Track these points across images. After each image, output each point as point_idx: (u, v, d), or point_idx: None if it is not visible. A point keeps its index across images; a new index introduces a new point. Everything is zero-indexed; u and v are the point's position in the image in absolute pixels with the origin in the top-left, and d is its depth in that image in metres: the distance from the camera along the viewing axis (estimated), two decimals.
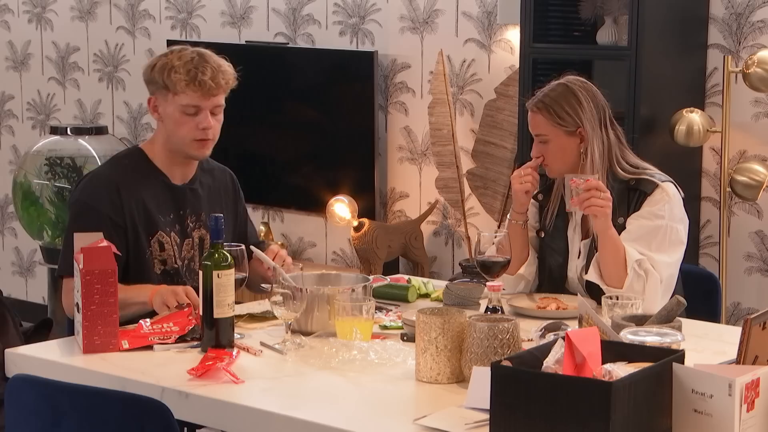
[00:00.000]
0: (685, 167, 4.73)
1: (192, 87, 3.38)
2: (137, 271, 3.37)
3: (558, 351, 2.40)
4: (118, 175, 3.45)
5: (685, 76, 4.75)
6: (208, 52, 3.47)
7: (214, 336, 2.96)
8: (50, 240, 6.15)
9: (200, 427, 2.98)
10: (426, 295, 3.60)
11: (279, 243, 3.46)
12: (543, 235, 3.60)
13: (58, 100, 6.77)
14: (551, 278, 3.58)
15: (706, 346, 3.04)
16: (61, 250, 3.45)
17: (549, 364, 2.39)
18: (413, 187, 5.61)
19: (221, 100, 3.44)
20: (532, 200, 3.62)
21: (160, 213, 3.44)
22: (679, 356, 2.40)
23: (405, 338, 3.09)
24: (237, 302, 3.06)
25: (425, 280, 3.76)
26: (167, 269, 3.43)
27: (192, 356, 2.94)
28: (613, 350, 2.45)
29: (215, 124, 3.44)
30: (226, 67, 3.46)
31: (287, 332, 3.04)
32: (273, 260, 3.34)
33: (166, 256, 3.43)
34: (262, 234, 5.68)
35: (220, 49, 3.53)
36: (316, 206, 5.63)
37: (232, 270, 2.99)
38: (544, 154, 3.50)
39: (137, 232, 3.39)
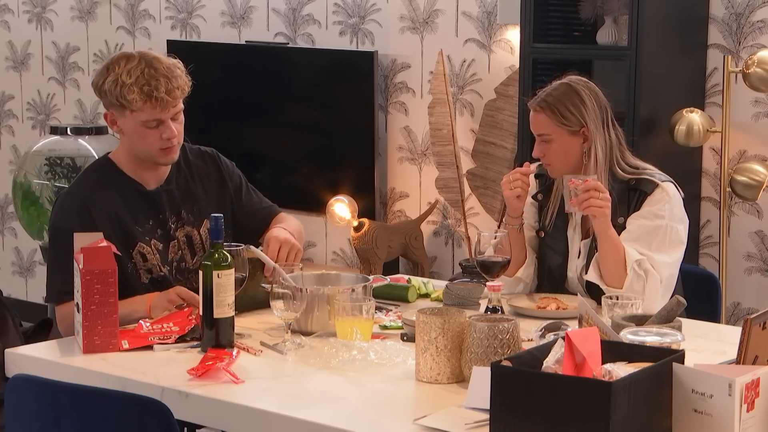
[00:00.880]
0: (685, 167, 4.73)
1: (149, 104, 3.31)
2: (121, 285, 3.34)
3: (558, 351, 2.40)
4: (88, 192, 3.40)
5: (685, 76, 4.75)
6: (155, 56, 3.39)
7: (214, 336, 2.96)
8: None
9: (200, 427, 2.99)
10: (426, 295, 3.59)
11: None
12: (543, 235, 3.60)
13: (58, 100, 6.77)
14: (551, 278, 3.58)
15: (706, 346, 3.04)
16: (46, 275, 3.41)
17: (549, 364, 2.39)
18: (413, 187, 5.61)
19: (180, 105, 3.39)
20: (531, 200, 3.62)
21: (137, 223, 3.41)
22: (679, 356, 2.40)
23: (405, 338, 3.09)
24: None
25: (425, 280, 3.76)
26: (154, 277, 3.41)
27: (192, 356, 2.94)
28: (613, 350, 2.45)
29: (178, 128, 3.39)
30: (178, 71, 3.38)
31: (287, 332, 3.04)
32: (276, 260, 3.32)
33: (150, 265, 3.40)
34: None
35: (220, 49, 3.51)
36: (316, 206, 5.63)
37: (232, 270, 2.99)
38: (547, 154, 3.49)
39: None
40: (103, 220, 3.35)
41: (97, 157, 5.97)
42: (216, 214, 3.02)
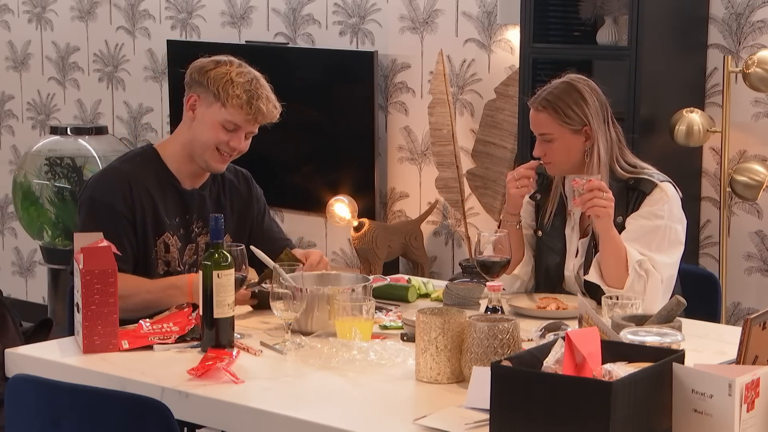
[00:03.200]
0: (685, 167, 4.73)
1: (246, 109, 3.38)
2: (143, 270, 3.37)
3: (558, 351, 2.40)
4: (130, 171, 3.43)
5: (685, 76, 4.75)
6: (262, 78, 3.48)
7: (214, 336, 2.96)
8: (50, 240, 6.15)
9: (200, 427, 2.98)
10: (426, 295, 3.59)
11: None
12: (540, 234, 3.60)
13: (58, 100, 6.77)
14: (548, 277, 3.57)
15: (706, 346, 3.04)
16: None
17: (549, 364, 2.39)
18: (413, 187, 5.61)
19: (256, 129, 3.46)
20: (528, 199, 3.62)
21: (167, 215, 3.44)
22: (679, 356, 2.40)
23: (405, 338, 3.09)
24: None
25: (425, 280, 3.76)
26: (170, 270, 3.43)
27: (192, 356, 2.94)
28: (613, 350, 2.45)
29: (243, 147, 3.45)
30: (275, 101, 3.47)
31: (287, 332, 3.04)
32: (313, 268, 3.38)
33: (170, 258, 3.43)
34: None
35: (220, 49, 3.55)
36: (316, 206, 5.63)
37: (232, 270, 2.99)
38: (548, 153, 3.47)
39: (145, 231, 3.39)
40: (141, 200, 3.39)
41: (97, 157, 6.05)
42: (216, 214, 3.02)
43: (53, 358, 3.01)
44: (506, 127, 5.13)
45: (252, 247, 3.30)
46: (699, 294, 3.65)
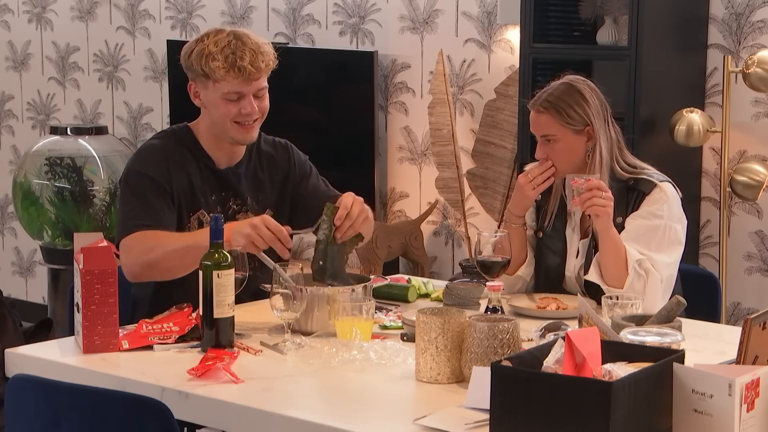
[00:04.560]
0: (685, 167, 4.73)
1: (232, 74, 3.33)
2: None
3: (558, 351, 2.40)
4: (167, 147, 3.43)
5: (685, 76, 4.75)
6: (245, 32, 3.42)
7: (214, 336, 2.96)
8: (50, 240, 6.15)
9: (200, 427, 2.98)
10: (426, 295, 3.59)
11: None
12: (541, 235, 3.59)
13: (58, 100, 6.77)
14: (548, 278, 3.57)
15: (706, 346, 3.04)
16: (118, 219, 3.38)
17: (549, 364, 2.39)
18: (413, 187, 5.61)
19: (263, 82, 3.41)
20: None
21: (202, 194, 3.43)
22: (679, 356, 2.41)
23: (405, 338, 3.09)
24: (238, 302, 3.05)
25: (425, 280, 3.76)
26: None
27: (192, 356, 2.94)
28: (613, 350, 2.45)
29: (261, 107, 3.42)
30: (266, 47, 3.41)
31: (287, 332, 3.04)
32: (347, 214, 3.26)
33: None
34: None
35: None
36: None
37: (232, 270, 2.98)
38: (550, 155, 3.46)
39: (180, 206, 3.38)
40: (178, 174, 3.38)
41: (97, 157, 6.05)
42: (216, 215, 3.02)
43: (53, 358, 3.01)
44: (506, 127, 5.13)
45: (261, 253, 3.27)
46: (699, 294, 3.65)
